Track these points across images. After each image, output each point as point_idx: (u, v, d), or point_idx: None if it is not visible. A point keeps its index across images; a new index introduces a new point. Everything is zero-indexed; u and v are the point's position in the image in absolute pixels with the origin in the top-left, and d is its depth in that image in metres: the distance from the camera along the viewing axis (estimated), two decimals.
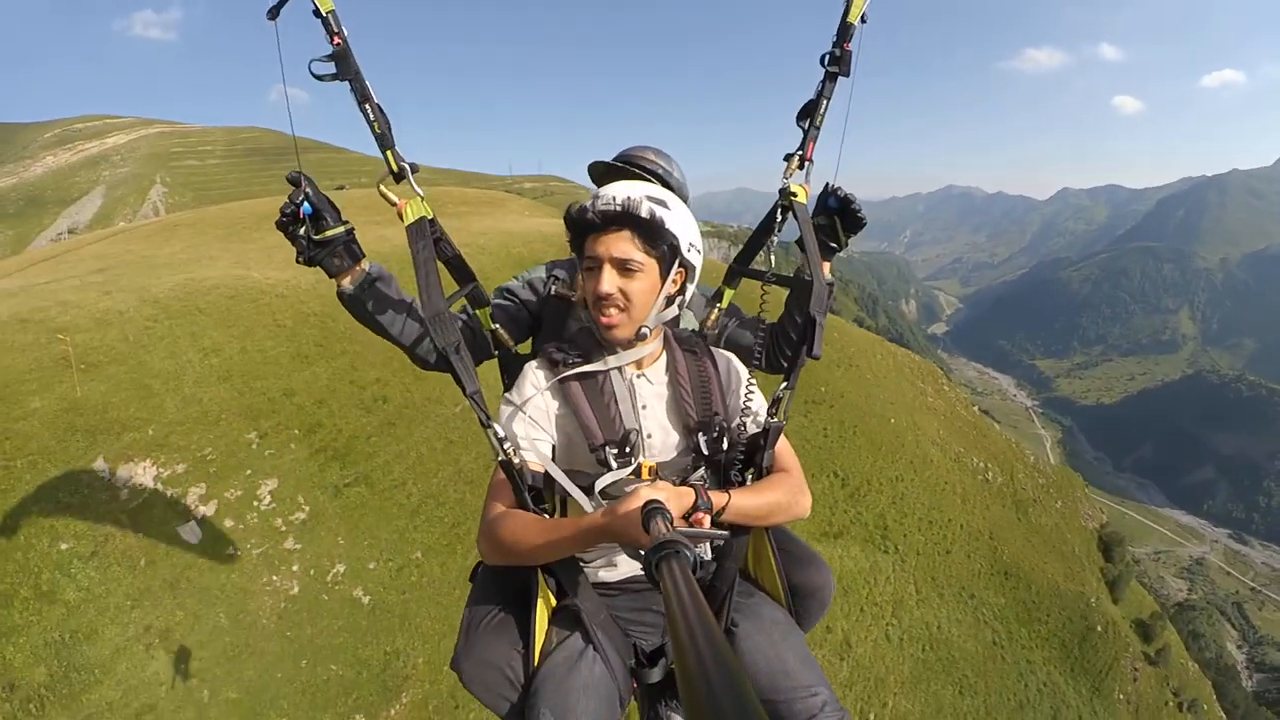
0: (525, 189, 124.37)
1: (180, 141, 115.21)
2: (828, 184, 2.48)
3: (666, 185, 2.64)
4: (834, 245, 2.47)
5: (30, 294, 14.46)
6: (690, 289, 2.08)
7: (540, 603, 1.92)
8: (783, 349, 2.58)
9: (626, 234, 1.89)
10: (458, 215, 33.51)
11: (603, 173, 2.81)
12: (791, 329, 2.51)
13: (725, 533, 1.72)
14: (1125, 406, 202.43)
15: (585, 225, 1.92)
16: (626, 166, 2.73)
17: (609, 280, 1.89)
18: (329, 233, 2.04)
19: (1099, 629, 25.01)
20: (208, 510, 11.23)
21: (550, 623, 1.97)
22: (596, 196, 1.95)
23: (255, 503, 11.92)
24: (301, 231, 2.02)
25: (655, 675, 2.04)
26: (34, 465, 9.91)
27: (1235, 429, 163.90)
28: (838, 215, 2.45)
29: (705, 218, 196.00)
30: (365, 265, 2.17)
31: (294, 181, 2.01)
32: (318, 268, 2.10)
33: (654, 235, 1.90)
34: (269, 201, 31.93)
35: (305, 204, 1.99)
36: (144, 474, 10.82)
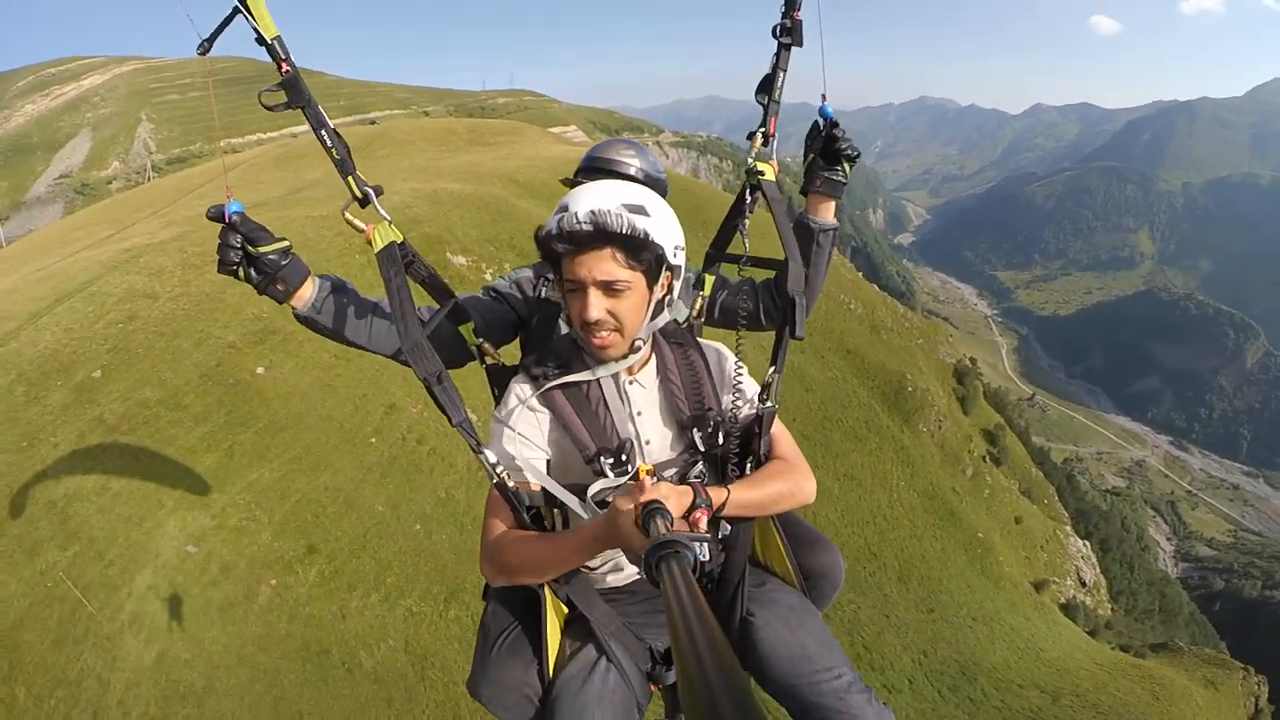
0: (500, 104, 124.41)
1: (158, 77, 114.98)
2: (815, 121, 2.35)
3: (646, 185, 2.23)
4: (837, 178, 2.37)
5: None
6: (678, 287, 1.93)
7: (551, 615, 1.92)
8: (770, 306, 2.52)
9: (607, 252, 1.71)
10: (478, 148, 36.65)
11: (573, 184, 2.50)
12: (779, 287, 2.40)
13: (708, 536, 1.57)
14: (1080, 318, 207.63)
15: (560, 246, 1.73)
16: (601, 177, 2.47)
17: (596, 305, 1.74)
18: (266, 248, 1.90)
19: (909, 389, 35.76)
20: None
21: (563, 634, 1.98)
22: (565, 210, 1.78)
23: None
24: (247, 268, 1.92)
25: (671, 677, 2.03)
26: None
27: (1182, 344, 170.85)
28: (821, 149, 2.34)
29: (675, 127, 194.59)
30: (312, 282, 2.04)
31: (219, 218, 1.88)
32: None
33: (637, 249, 1.72)
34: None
35: (235, 236, 1.87)
36: None
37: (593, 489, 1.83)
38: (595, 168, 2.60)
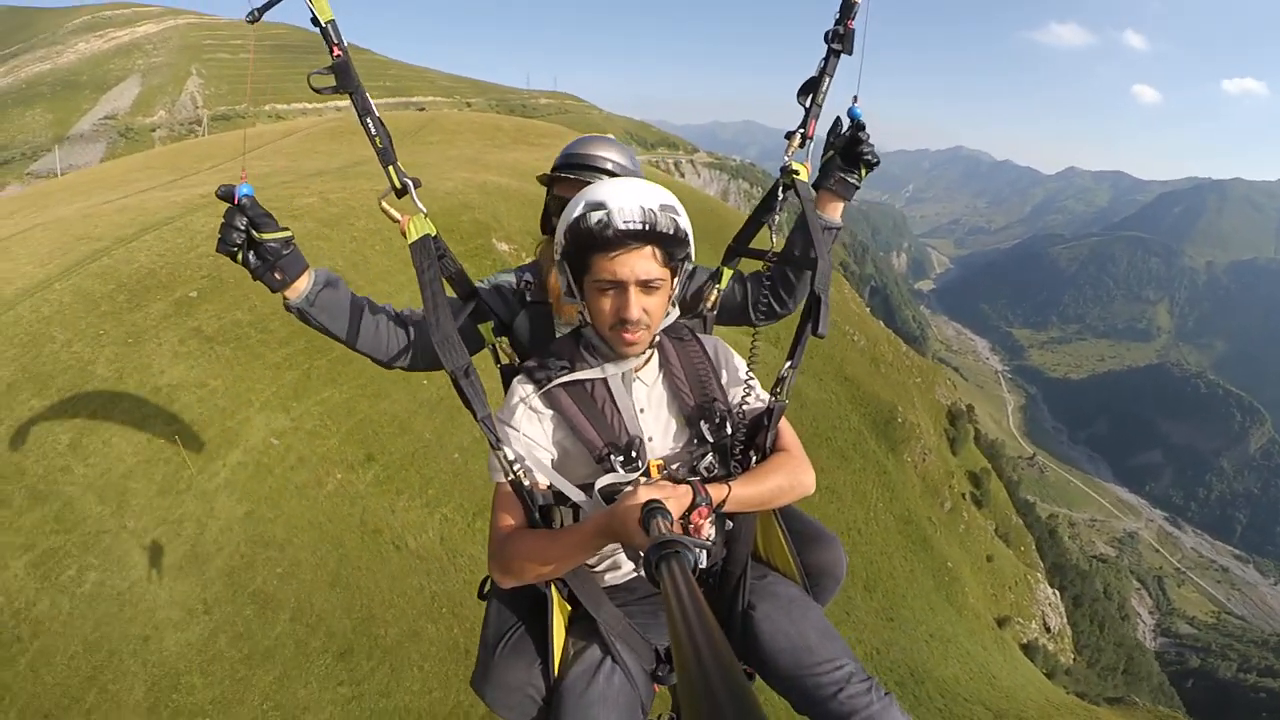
0: (541, 104, 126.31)
1: (211, 34, 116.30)
2: (838, 117, 2.36)
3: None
4: (852, 181, 2.38)
5: None
6: (678, 283, 1.92)
7: (556, 614, 1.94)
8: (778, 294, 2.49)
9: (649, 251, 1.74)
10: (522, 146, 38.40)
11: (552, 181, 2.52)
12: (791, 272, 2.43)
13: (709, 543, 1.68)
14: (1090, 384, 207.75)
15: (602, 244, 1.73)
16: (584, 174, 2.44)
17: (637, 304, 1.77)
18: (269, 235, 1.89)
19: (899, 420, 37.86)
20: None
21: (568, 633, 1.99)
22: (603, 208, 1.73)
23: None
24: (247, 251, 1.89)
25: (675, 677, 1.93)
26: None
27: (1188, 421, 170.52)
28: (843, 149, 2.34)
29: (709, 148, 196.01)
30: (309, 276, 2.02)
31: (228, 198, 1.85)
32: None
33: (676, 248, 1.78)
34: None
35: (242, 218, 1.85)
36: None
37: (600, 482, 1.81)
38: (577, 164, 2.50)
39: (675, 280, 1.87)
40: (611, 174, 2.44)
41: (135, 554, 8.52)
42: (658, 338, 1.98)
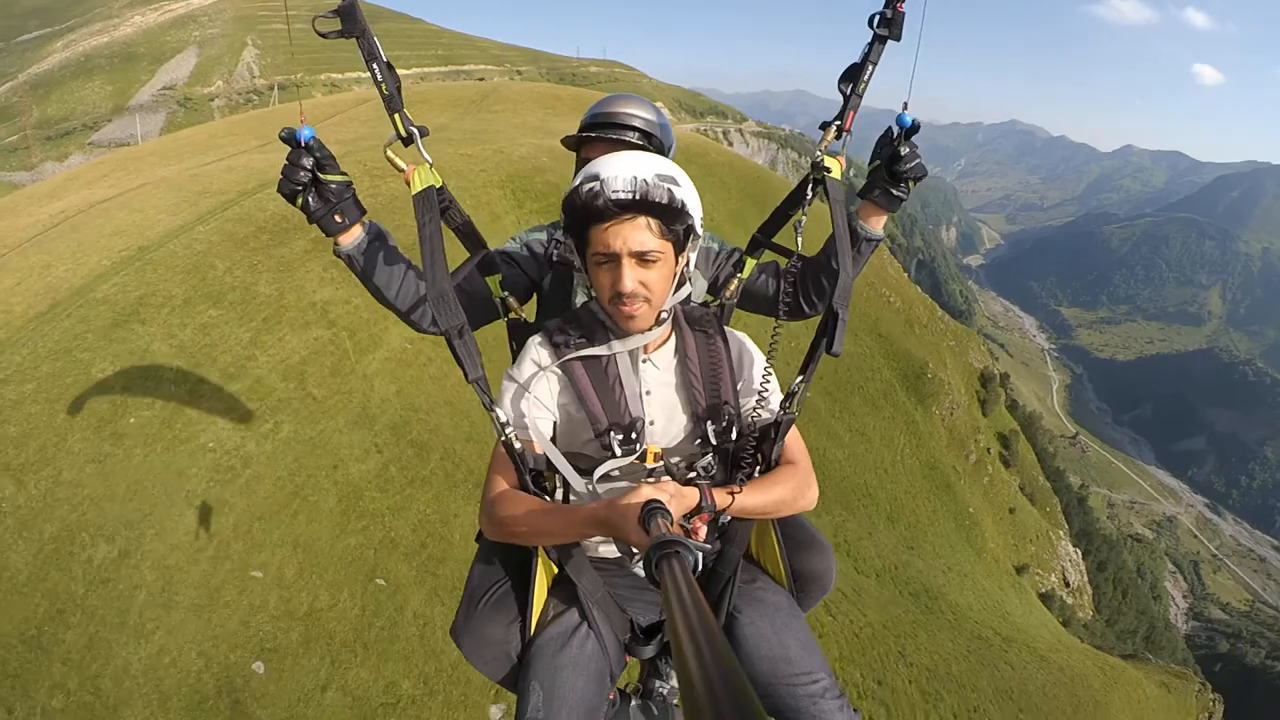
0: (591, 73, 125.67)
1: (265, 4, 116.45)
2: (889, 127, 2.19)
3: (652, 140, 2.49)
4: (897, 194, 2.25)
5: None
6: (694, 259, 1.95)
7: (541, 572, 1.96)
8: (808, 294, 2.45)
9: (643, 221, 1.73)
10: (581, 115, 40.60)
11: (579, 142, 2.55)
12: (824, 274, 2.36)
13: (709, 546, 1.72)
14: (1137, 366, 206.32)
15: (594, 214, 1.74)
16: (610, 132, 2.47)
17: (630, 276, 1.75)
18: (333, 177, 1.95)
19: (929, 375, 39.62)
20: None
21: (549, 594, 2.02)
22: (597, 179, 1.75)
23: None
24: (308, 193, 1.95)
25: (649, 651, 2.08)
26: None
27: (1235, 409, 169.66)
28: (887, 161, 2.20)
29: (759, 117, 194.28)
30: (365, 222, 2.08)
31: (294, 140, 1.90)
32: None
33: (673, 219, 1.76)
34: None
35: (308, 159, 1.90)
36: None
37: (600, 470, 1.85)
38: (603, 123, 2.50)
39: (682, 255, 1.85)
40: (637, 130, 2.47)
41: (319, 414, 11.44)
42: (668, 313, 1.92)
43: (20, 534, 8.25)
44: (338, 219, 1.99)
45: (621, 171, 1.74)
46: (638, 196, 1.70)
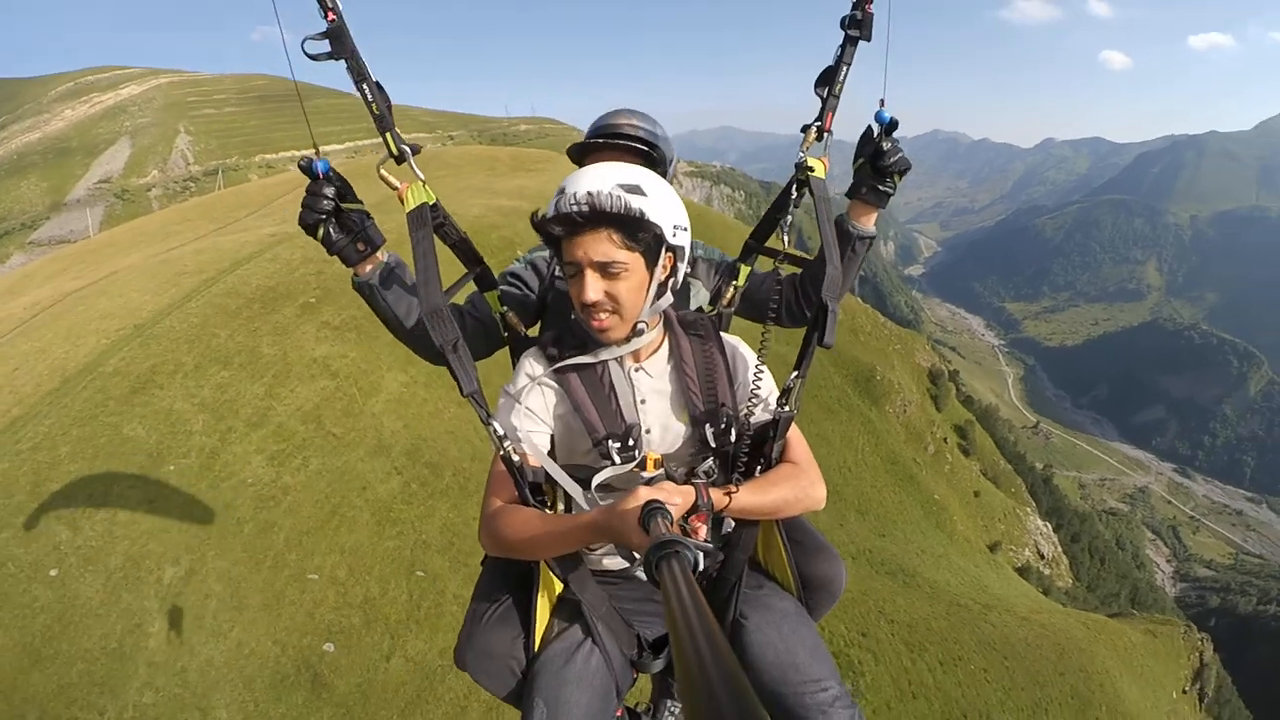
0: (522, 131, 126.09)
1: (194, 90, 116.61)
2: (869, 125, 2.28)
3: (653, 149, 2.53)
4: (884, 189, 2.32)
5: None
6: (682, 268, 1.96)
7: (543, 590, 1.94)
8: (808, 297, 2.44)
9: (603, 233, 1.74)
10: (522, 173, 41.80)
11: (582, 151, 2.59)
12: (822, 275, 2.18)
13: (710, 545, 1.69)
14: (1087, 349, 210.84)
15: (554, 227, 1.77)
16: (609, 140, 2.54)
17: (593, 287, 1.77)
18: (353, 206, 1.98)
19: (878, 378, 41.12)
20: None
21: (553, 611, 2.00)
22: (562, 192, 1.85)
23: None
24: (329, 224, 1.97)
25: (657, 665, 2.06)
26: None
27: (1187, 373, 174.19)
28: (871, 157, 2.27)
29: (689, 157, 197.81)
30: (383, 254, 2.11)
31: (311, 171, 1.92)
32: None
33: (633, 229, 1.75)
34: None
35: (329, 188, 1.92)
36: None
37: (599, 478, 1.84)
38: (605, 133, 2.55)
39: (653, 265, 1.83)
40: (637, 139, 2.51)
41: (340, 448, 12.98)
42: (647, 323, 1.91)
43: (85, 569, 9.44)
44: (360, 247, 2.03)
45: (583, 185, 1.82)
46: (589, 208, 1.71)
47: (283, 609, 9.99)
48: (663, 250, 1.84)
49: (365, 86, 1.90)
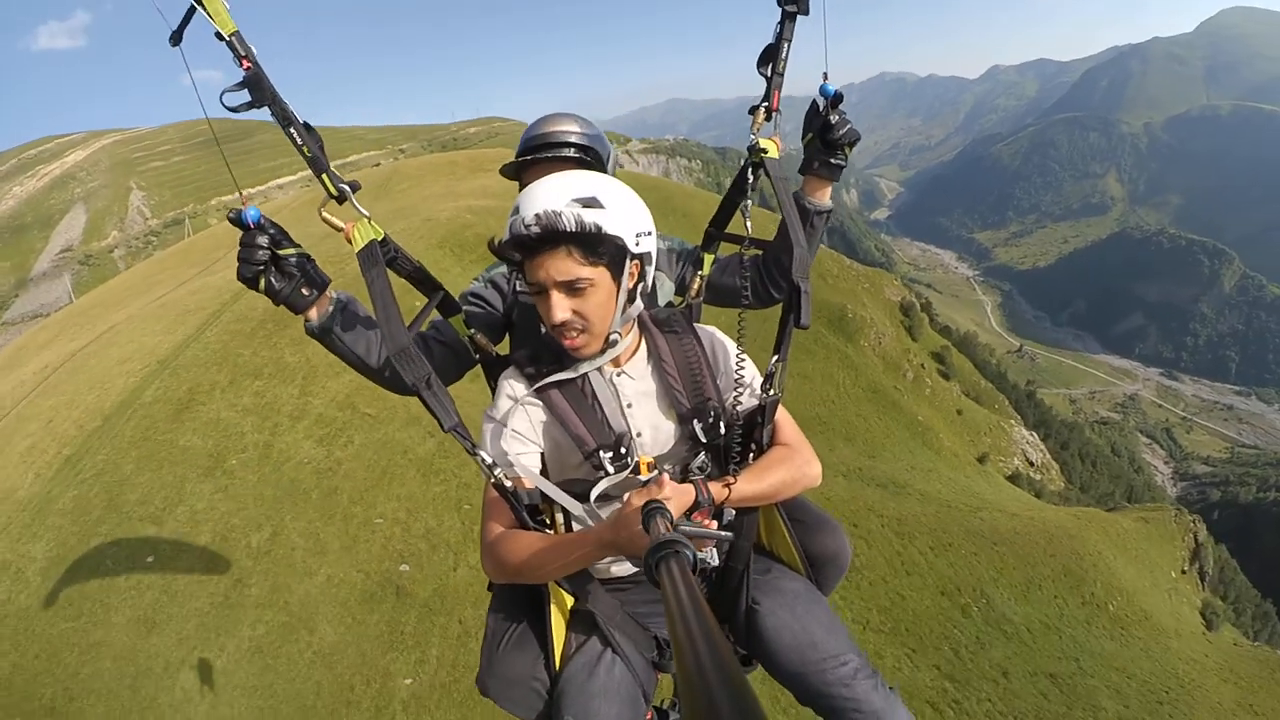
0: (470, 134, 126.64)
1: (138, 146, 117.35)
2: (814, 100, 2.21)
3: (587, 152, 2.44)
4: (836, 162, 2.26)
5: None
6: (650, 272, 1.89)
7: (555, 607, 1.94)
8: (774, 278, 2.40)
9: (562, 251, 1.69)
10: (482, 174, 42.13)
11: (518, 169, 2.48)
12: (784, 255, 2.18)
13: (729, 534, 1.67)
14: (1059, 268, 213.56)
15: (516, 250, 1.72)
16: (545, 152, 2.42)
17: (560, 306, 1.73)
18: (289, 251, 1.84)
19: (849, 315, 41.91)
20: None
21: (568, 626, 1.98)
22: (516, 213, 1.75)
23: None
24: (268, 273, 1.83)
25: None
26: None
27: (1160, 278, 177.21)
28: (819, 131, 2.20)
29: (640, 134, 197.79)
30: (332, 293, 2.02)
31: (241, 222, 1.79)
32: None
33: (593, 244, 1.70)
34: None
35: (265, 236, 1.80)
36: None
37: (596, 490, 1.82)
38: (534, 146, 2.45)
39: (619, 276, 1.78)
40: (572, 145, 2.44)
41: (377, 424, 14.57)
42: (619, 333, 1.87)
43: (178, 551, 11.27)
44: (305, 292, 1.89)
45: (534, 204, 1.71)
46: (542, 230, 1.66)
47: (359, 548, 11.94)
48: (627, 260, 1.77)
49: (293, 130, 1.81)
